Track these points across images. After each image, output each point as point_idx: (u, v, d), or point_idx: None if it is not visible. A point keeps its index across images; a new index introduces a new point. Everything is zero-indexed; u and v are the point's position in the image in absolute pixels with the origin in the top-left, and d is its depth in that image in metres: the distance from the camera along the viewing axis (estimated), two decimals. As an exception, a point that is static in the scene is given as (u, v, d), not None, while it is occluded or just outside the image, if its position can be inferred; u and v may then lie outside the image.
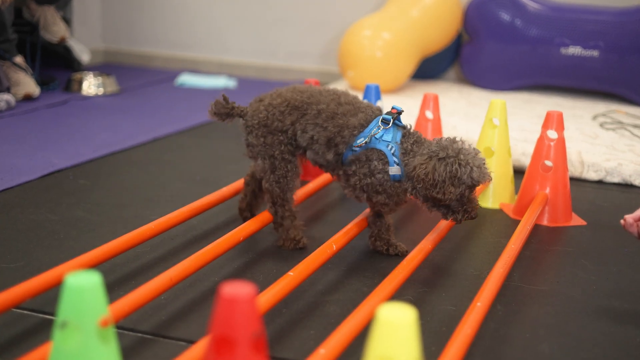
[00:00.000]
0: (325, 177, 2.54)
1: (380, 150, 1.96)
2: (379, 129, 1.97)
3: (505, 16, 4.29)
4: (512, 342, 1.70)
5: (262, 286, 1.73)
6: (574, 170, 2.99)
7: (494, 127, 2.63)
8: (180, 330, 1.66)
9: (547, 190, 2.48)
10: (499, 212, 2.59)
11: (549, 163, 2.49)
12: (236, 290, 1.17)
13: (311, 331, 1.69)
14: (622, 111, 3.92)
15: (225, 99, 2.11)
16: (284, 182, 2.07)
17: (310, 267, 1.82)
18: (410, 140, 1.96)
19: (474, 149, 1.92)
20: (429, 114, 2.69)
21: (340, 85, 4.24)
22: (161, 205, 2.43)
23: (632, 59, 4.12)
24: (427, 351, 1.61)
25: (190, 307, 1.77)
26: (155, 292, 1.65)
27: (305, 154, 2.08)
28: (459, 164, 1.86)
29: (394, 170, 1.96)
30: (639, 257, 2.22)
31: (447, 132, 3.18)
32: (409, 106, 3.66)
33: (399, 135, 1.97)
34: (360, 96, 2.39)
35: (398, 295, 1.85)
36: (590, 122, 3.70)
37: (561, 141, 2.49)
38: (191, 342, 1.59)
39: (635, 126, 3.60)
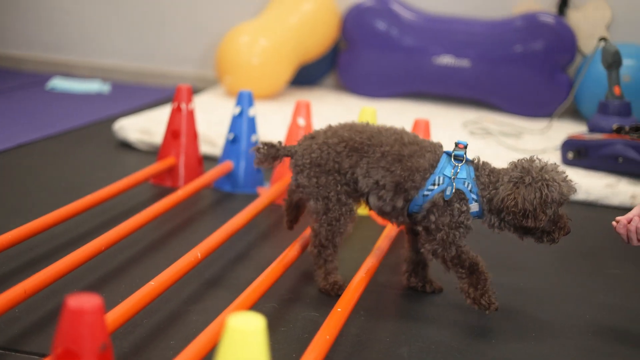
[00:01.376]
0: (197, 183, 2.50)
1: (459, 190, 1.84)
2: (457, 167, 1.85)
3: (381, 25, 4.37)
4: (372, 347, 1.72)
5: (124, 296, 1.69)
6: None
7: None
8: (33, 344, 1.61)
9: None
10: (367, 218, 2.63)
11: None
12: (81, 302, 1.14)
13: (171, 341, 1.66)
14: (490, 119, 4.05)
15: (267, 144, 1.97)
16: (336, 226, 1.93)
17: (174, 276, 1.79)
18: (485, 171, 1.86)
19: (552, 164, 1.84)
20: (301, 121, 2.70)
21: (217, 91, 4.21)
22: (22, 214, 2.34)
23: (501, 68, 4.27)
24: (288, 358, 1.62)
25: (46, 320, 1.72)
26: (7, 305, 1.58)
27: (367, 200, 1.94)
28: (547, 185, 1.78)
29: (474, 207, 1.85)
30: (496, 260, 2.29)
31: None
32: (286, 113, 3.68)
33: (471, 170, 1.86)
34: (234, 102, 2.37)
35: (262, 304, 1.85)
36: (460, 129, 3.80)
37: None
38: (44, 355, 1.54)
39: (502, 133, 3.72)
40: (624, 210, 3.01)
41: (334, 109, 4.01)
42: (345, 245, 2.36)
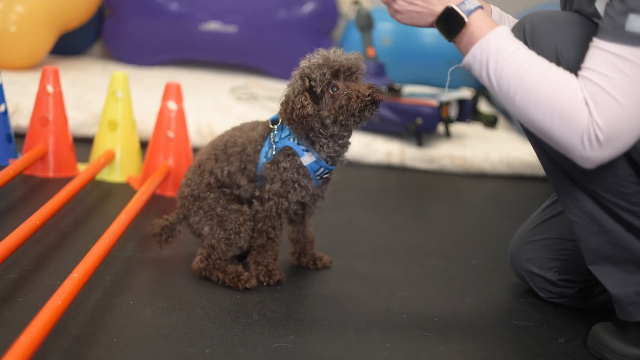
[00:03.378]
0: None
1: (286, 147, 1.84)
2: (274, 129, 1.87)
3: (146, -9, 4.29)
4: (115, 310, 1.71)
5: None
6: (204, 140, 3.08)
7: (117, 100, 2.62)
8: None
9: (171, 161, 2.53)
10: (126, 185, 2.59)
11: (170, 134, 2.53)
12: None
13: None
14: (257, 84, 4.11)
15: (161, 227, 1.96)
16: (234, 239, 1.89)
17: None
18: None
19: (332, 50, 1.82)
20: (50, 88, 2.60)
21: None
22: None
23: (268, 33, 4.33)
24: (22, 327, 1.57)
25: None
26: None
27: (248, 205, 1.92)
28: (306, 67, 1.79)
29: (308, 158, 1.84)
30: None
31: (75, 105, 3.13)
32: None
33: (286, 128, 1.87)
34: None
35: (3, 272, 1.78)
36: (227, 95, 3.83)
37: (181, 112, 2.55)
38: None
39: (269, 98, 3.79)
40: (381, 167, 3.17)
41: (99, 78, 3.90)
42: (98, 214, 2.32)
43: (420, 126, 3.19)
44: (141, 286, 1.86)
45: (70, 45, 4.42)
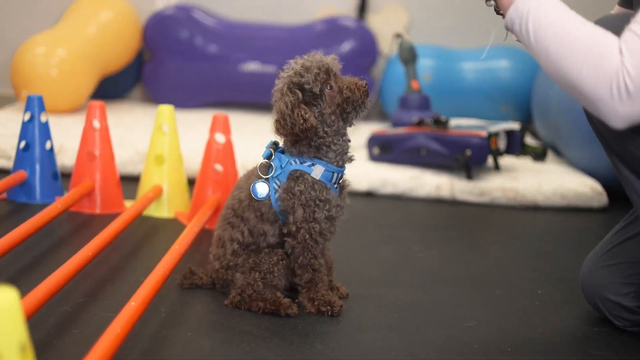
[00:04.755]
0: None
1: (293, 170, 1.79)
2: (271, 168, 1.83)
3: (184, 33, 4.29)
4: (173, 341, 1.63)
5: None
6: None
7: (164, 134, 2.57)
8: None
9: (219, 195, 2.47)
10: (174, 221, 2.53)
11: (218, 167, 2.48)
12: None
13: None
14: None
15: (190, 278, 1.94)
16: (269, 278, 1.83)
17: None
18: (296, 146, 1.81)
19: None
20: (96, 123, 2.56)
21: (14, 107, 3.96)
22: None
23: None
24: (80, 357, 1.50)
25: None
26: None
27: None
28: (294, 74, 1.78)
29: (318, 171, 1.78)
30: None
31: (119, 144, 3.10)
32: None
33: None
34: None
35: (53, 308, 1.72)
36: (270, 134, 3.77)
37: (229, 145, 2.49)
38: None
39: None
40: (430, 201, 3.09)
41: (142, 121, 3.86)
42: (147, 249, 2.27)
43: (470, 158, 3.11)
44: (198, 318, 1.79)
45: (111, 89, 4.41)
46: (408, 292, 2.03)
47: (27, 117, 2.58)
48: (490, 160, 3.34)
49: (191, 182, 2.84)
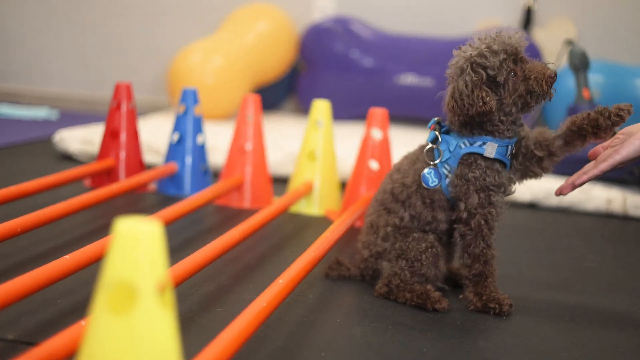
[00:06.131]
0: (134, 183, 2.28)
1: (464, 155, 1.64)
2: (447, 141, 1.67)
3: (341, 46, 4.22)
4: (321, 326, 1.50)
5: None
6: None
7: (318, 129, 2.47)
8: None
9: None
10: (325, 219, 2.42)
11: (374, 165, 2.34)
12: None
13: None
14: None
15: (337, 261, 1.81)
16: (417, 266, 1.68)
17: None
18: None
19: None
20: (250, 117, 2.49)
21: (170, 112, 4.00)
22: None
23: (466, 87, 4.11)
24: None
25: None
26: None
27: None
28: (473, 56, 1.62)
29: (491, 149, 1.62)
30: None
31: (271, 146, 3.03)
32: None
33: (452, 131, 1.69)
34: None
35: (200, 285, 1.63)
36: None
37: (386, 142, 2.36)
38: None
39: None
40: (600, 215, 2.83)
41: (295, 130, 3.80)
42: (295, 242, 2.16)
43: (646, 171, 2.84)
44: (348, 306, 1.65)
45: (264, 99, 4.38)
46: (581, 298, 1.82)
47: (181, 109, 2.55)
48: (667, 176, 3.04)
49: (343, 183, 2.73)
